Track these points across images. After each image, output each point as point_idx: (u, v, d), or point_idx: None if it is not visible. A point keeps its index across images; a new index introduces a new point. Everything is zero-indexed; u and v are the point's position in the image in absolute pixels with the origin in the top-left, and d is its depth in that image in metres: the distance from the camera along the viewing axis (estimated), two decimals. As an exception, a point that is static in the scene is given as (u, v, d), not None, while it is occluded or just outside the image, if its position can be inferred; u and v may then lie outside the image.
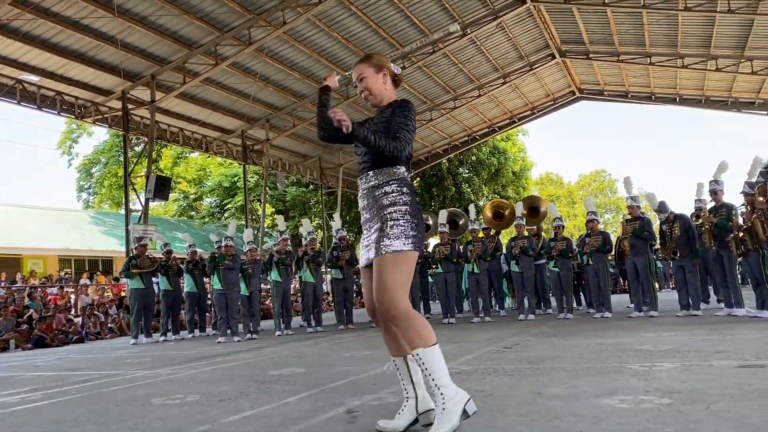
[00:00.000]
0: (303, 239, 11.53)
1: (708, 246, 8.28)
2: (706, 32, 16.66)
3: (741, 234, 7.55)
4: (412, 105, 2.82)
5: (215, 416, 3.27)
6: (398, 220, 2.64)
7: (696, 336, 5.70)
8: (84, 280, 18.96)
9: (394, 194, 2.69)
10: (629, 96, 23.23)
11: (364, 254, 2.76)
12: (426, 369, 2.50)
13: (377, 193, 2.72)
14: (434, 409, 2.60)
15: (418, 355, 2.50)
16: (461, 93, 21.82)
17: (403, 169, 2.74)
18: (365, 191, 2.76)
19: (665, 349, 4.86)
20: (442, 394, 2.47)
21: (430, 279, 13.91)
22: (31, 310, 12.94)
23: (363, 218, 2.79)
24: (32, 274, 18.71)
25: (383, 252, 2.59)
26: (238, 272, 10.24)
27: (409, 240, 2.61)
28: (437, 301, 12.40)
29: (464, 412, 2.49)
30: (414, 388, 2.74)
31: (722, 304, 8.41)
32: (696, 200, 8.97)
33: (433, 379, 2.49)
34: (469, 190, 31.28)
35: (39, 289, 15.50)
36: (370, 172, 2.75)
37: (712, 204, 8.42)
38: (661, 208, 8.98)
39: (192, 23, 13.78)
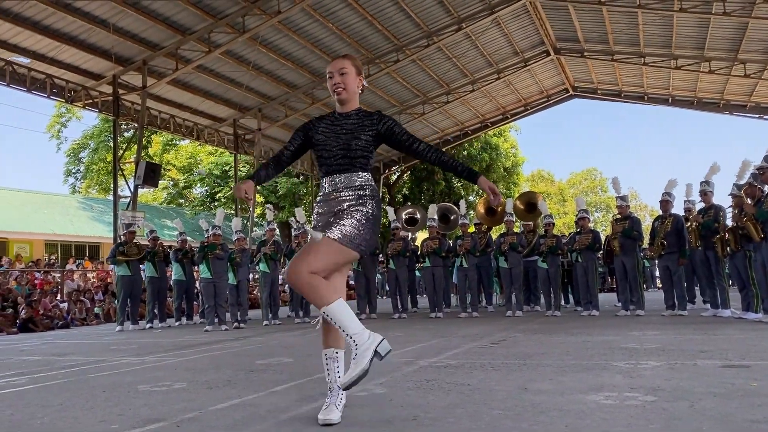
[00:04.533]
0: (293, 229, 11.50)
1: (695, 246, 8.35)
2: (701, 34, 16.74)
3: (726, 235, 7.61)
4: None
5: (202, 404, 3.27)
6: None
7: (681, 335, 5.76)
8: (70, 266, 18.85)
9: None
10: (622, 95, 23.32)
11: None
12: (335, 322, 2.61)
13: None
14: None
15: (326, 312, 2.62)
16: (454, 87, 21.81)
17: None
18: None
19: (651, 347, 4.90)
20: (355, 342, 2.57)
21: (417, 273, 13.92)
22: (18, 294, 12.84)
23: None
24: (18, 258, 18.57)
25: None
26: (226, 261, 10.22)
27: None
28: (424, 296, 12.42)
29: (376, 353, 2.58)
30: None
31: (708, 305, 8.49)
32: (685, 201, 9.04)
33: (344, 330, 2.60)
34: (459, 185, 31.28)
35: (25, 273, 15.38)
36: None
37: (702, 205, 8.50)
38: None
39: (186, 9, 13.68)
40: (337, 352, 2.80)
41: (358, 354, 2.55)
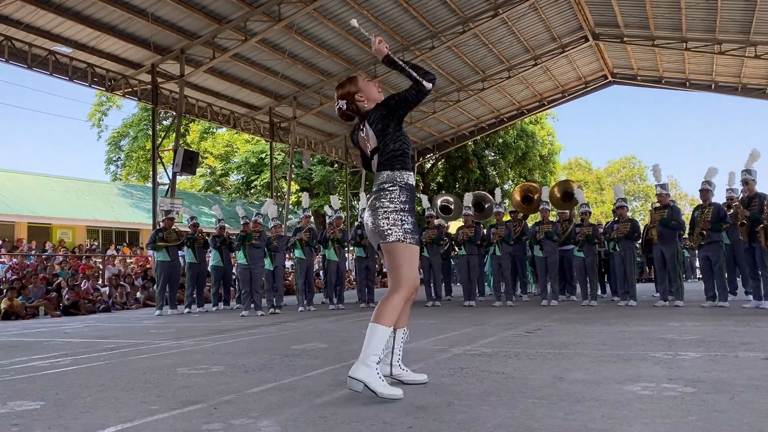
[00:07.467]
0: (327, 217, 11.57)
1: (745, 239, 8.09)
2: (746, 17, 16.19)
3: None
4: None
5: (239, 387, 3.33)
6: None
7: (722, 327, 5.63)
8: (111, 251, 19.29)
9: None
10: (663, 81, 22.73)
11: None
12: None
13: None
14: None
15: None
16: (490, 74, 21.55)
17: None
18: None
19: (690, 338, 4.81)
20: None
21: (452, 261, 13.87)
22: (61, 279, 13.22)
23: (412, 206, 3.19)
24: (61, 243, 19.08)
25: None
26: (263, 249, 10.32)
27: None
28: (458, 284, 12.37)
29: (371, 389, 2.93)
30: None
31: (750, 296, 8.27)
32: (727, 189, 8.80)
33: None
34: (494, 173, 31.02)
35: (68, 259, 15.80)
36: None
37: (743, 194, 8.25)
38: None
39: (222, -2, 13.79)
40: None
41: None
